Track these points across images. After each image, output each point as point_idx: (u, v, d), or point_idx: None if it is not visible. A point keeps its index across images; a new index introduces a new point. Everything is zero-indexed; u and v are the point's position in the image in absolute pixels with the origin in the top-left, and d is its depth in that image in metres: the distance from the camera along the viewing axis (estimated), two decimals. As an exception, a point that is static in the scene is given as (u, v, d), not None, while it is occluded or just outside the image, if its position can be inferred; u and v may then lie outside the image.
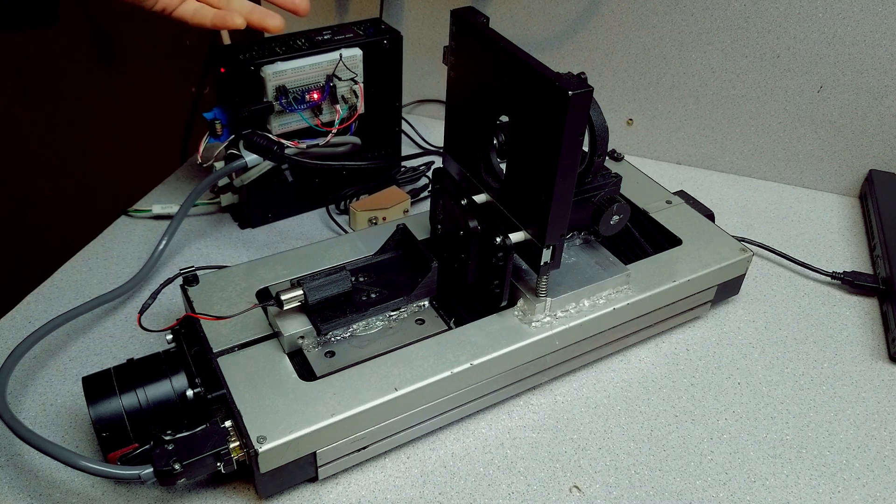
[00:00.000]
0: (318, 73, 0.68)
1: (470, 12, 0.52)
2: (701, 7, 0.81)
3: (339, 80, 0.69)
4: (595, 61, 0.88)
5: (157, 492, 0.50)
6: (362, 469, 0.53)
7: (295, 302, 0.53)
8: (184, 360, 0.51)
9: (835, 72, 0.79)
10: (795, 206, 0.84)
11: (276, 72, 0.66)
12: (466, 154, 0.57)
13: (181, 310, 0.60)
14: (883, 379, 0.62)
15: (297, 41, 0.70)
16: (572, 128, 0.44)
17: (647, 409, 0.58)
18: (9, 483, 0.50)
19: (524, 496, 0.51)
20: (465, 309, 0.58)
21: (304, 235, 0.75)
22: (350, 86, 0.70)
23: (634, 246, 0.66)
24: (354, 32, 0.72)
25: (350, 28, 0.73)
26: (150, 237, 0.73)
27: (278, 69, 0.66)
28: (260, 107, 0.66)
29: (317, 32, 0.72)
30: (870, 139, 0.82)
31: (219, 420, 0.47)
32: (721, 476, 0.53)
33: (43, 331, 0.56)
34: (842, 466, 0.55)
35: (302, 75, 0.67)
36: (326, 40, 0.71)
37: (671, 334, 0.65)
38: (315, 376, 0.52)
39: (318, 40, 0.70)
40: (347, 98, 0.70)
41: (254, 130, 0.66)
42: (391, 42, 0.73)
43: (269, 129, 0.68)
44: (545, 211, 0.48)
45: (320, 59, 0.68)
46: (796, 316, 0.68)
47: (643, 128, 0.90)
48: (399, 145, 0.80)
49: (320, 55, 0.69)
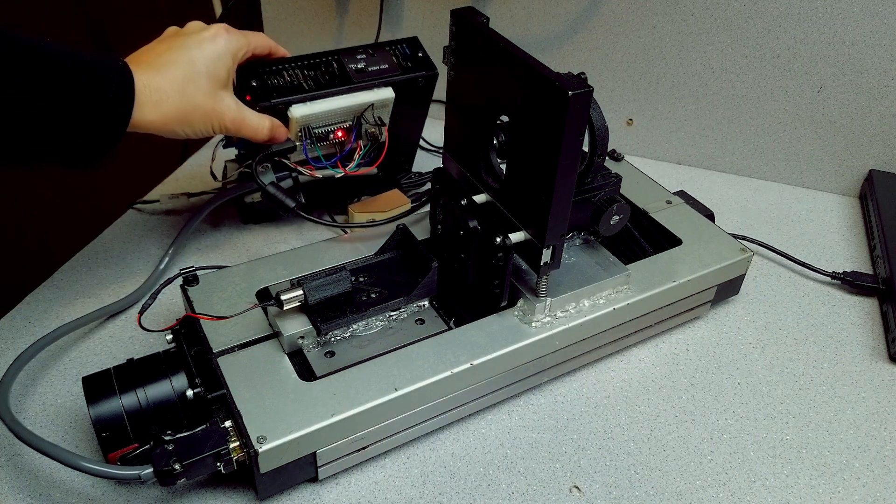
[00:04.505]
0: (346, 113, 0.65)
1: (470, 12, 0.52)
2: (701, 7, 0.81)
3: (366, 122, 0.67)
4: (595, 61, 0.88)
5: (157, 492, 0.50)
6: (362, 469, 0.53)
7: (295, 302, 0.53)
8: (184, 360, 0.51)
9: (835, 72, 0.79)
10: (795, 206, 0.84)
11: (303, 115, 0.63)
12: (466, 154, 0.57)
13: (181, 310, 0.60)
14: (883, 379, 0.62)
15: (331, 66, 0.65)
16: (572, 128, 0.44)
17: (647, 409, 0.58)
18: (9, 483, 0.50)
19: (524, 496, 0.51)
20: (465, 309, 0.58)
21: (304, 236, 0.75)
22: (377, 126, 0.67)
23: (634, 246, 0.66)
24: (389, 61, 0.67)
25: (385, 52, 0.68)
26: (151, 237, 0.73)
27: (306, 112, 0.63)
28: (282, 149, 0.63)
29: (350, 55, 0.67)
30: (870, 139, 0.82)
31: (219, 420, 0.47)
32: (721, 476, 0.53)
33: (47, 339, 0.57)
34: (842, 466, 0.55)
35: (330, 116, 0.65)
36: (360, 72, 0.66)
37: (671, 334, 0.65)
38: (315, 376, 0.52)
39: (352, 70, 0.66)
40: (371, 133, 0.67)
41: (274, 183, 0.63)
42: (426, 80, 0.68)
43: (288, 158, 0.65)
44: (545, 211, 0.48)
45: (350, 102, 0.65)
46: (796, 316, 0.68)
47: (643, 128, 0.91)
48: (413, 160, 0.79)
49: (351, 95, 0.65)
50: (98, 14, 1.13)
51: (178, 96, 0.54)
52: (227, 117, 0.57)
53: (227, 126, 0.58)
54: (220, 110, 0.57)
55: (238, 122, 0.58)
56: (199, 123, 0.56)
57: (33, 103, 0.46)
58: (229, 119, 0.58)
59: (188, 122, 0.55)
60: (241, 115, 0.59)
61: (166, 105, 0.53)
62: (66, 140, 0.49)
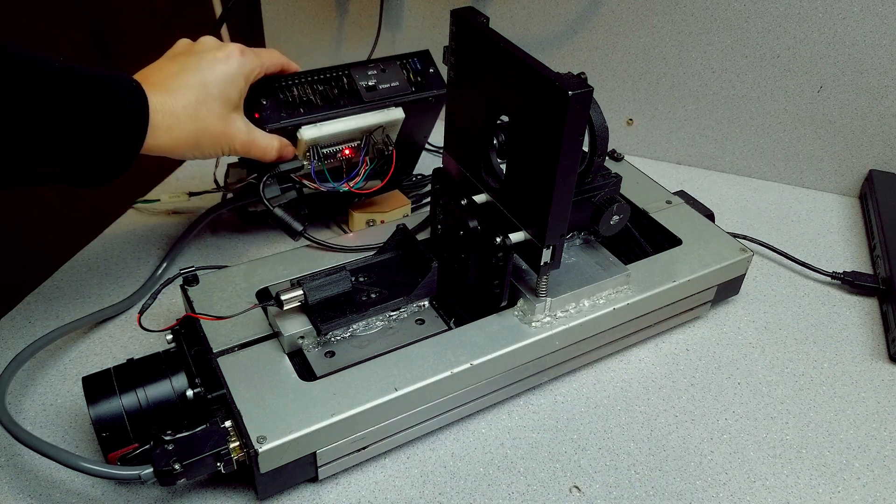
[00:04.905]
0: (355, 134, 0.65)
1: (470, 12, 0.52)
2: (701, 7, 0.81)
3: (374, 141, 0.66)
4: (595, 61, 0.88)
5: (157, 492, 0.50)
6: (362, 469, 0.53)
7: (295, 302, 0.53)
8: (184, 360, 0.51)
9: (835, 72, 0.79)
10: (795, 206, 0.84)
11: (313, 137, 0.62)
12: (466, 154, 0.57)
13: (181, 310, 0.60)
14: (883, 379, 0.62)
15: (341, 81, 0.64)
16: (572, 128, 0.44)
17: (647, 409, 0.58)
18: (9, 483, 0.50)
19: (524, 496, 0.51)
20: (465, 309, 0.58)
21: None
22: (385, 144, 0.66)
23: (634, 246, 0.66)
24: (401, 77, 0.66)
25: (396, 67, 0.67)
26: (151, 237, 0.73)
27: (315, 134, 0.62)
28: (289, 168, 0.62)
29: (361, 69, 0.66)
30: (870, 139, 0.82)
31: (219, 420, 0.47)
32: (721, 476, 0.53)
33: (44, 340, 0.56)
34: (842, 466, 0.55)
35: (339, 137, 0.64)
36: (370, 90, 0.65)
37: (671, 334, 0.65)
38: (315, 376, 0.52)
39: (362, 87, 0.65)
40: (378, 150, 0.67)
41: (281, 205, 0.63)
42: (436, 99, 0.68)
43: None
44: (545, 211, 0.48)
45: (360, 124, 0.64)
46: (796, 316, 0.68)
47: (643, 128, 0.90)
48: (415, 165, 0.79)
49: (361, 115, 0.64)
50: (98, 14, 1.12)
51: (190, 122, 0.53)
52: (238, 140, 0.57)
53: (236, 148, 0.58)
54: (231, 133, 0.57)
55: (248, 144, 0.58)
56: (209, 147, 0.56)
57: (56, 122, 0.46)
58: (239, 142, 0.58)
59: (198, 146, 0.55)
60: (251, 138, 0.58)
61: (178, 131, 0.53)
62: (82, 161, 0.49)
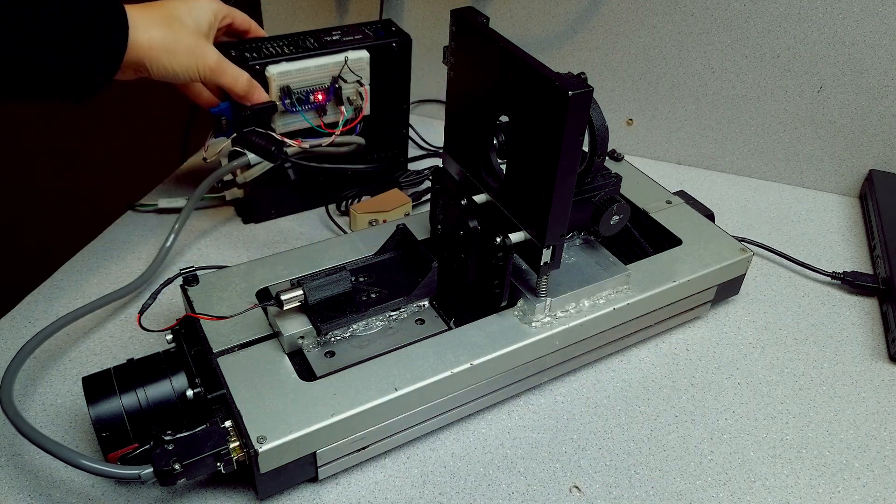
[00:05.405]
0: (323, 75, 0.68)
1: (470, 12, 0.52)
2: (701, 7, 0.81)
3: (345, 81, 0.69)
4: (595, 61, 0.88)
5: (157, 492, 0.50)
6: (362, 469, 0.53)
7: (295, 302, 0.53)
8: (184, 360, 0.51)
9: (835, 72, 0.79)
10: (795, 206, 0.84)
11: (280, 72, 0.66)
12: (466, 154, 0.57)
13: (181, 310, 0.60)
14: (883, 379, 0.62)
15: (306, 41, 0.70)
16: (572, 128, 0.44)
17: (647, 409, 0.58)
18: (9, 482, 0.50)
19: (524, 496, 0.51)
20: (465, 309, 0.58)
21: (304, 235, 0.75)
22: (356, 88, 0.70)
23: (634, 246, 0.66)
24: (364, 34, 0.72)
25: (360, 29, 0.73)
26: (150, 236, 0.73)
27: (283, 69, 0.66)
28: (262, 106, 0.66)
29: (326, 32, 0.71)
30: (870, 139, 0.82)
31: (219, 420, 0.47)
32: (721, 476, 0.53)
33: (52, 328, 0.56)
34: (842, 466, 0.55)
35: (307, 76, 0.67)
36: (335, 41, 0.70)
37: (671, 334, 0.65)
38: (315, 376, 0.52)
39: (327, 41, 0.70)
40: (353, 100, 0.70)
41: (254, 129, 0.66)
42: (400, 45, 0.72)
43: (274, 129, 0.68)
44: (545, 211, 0.48)
45: (326, 61, 0.68)
46: (796, 316, 0.68)
47: (643, 128, 0.90)
48: (406, 147, 0.80)
49: (326, 56, 0.68)
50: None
51: (164, 26, 0.57)
52: (210, 58, 0.60)
53: (209, 66, 0.61)
54: (203, 51, 0.60)
55: (219, 67, 0.61)
56: (184, 56, 0.58)
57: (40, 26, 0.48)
58: (212, 60, 0.61)
59: (173, 52, 0.58)
60: (223, 64, 0.62)
61: (154, 30, 0.56)
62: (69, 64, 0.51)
